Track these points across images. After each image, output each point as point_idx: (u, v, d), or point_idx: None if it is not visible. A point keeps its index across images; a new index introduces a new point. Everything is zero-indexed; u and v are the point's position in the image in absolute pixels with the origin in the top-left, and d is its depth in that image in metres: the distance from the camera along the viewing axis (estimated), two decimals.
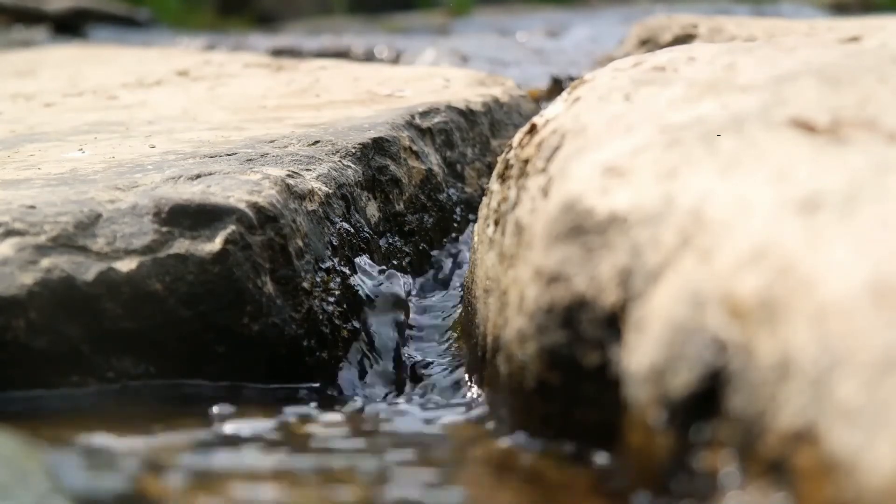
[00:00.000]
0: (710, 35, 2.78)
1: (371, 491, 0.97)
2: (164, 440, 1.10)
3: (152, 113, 2.11)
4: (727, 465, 0.79)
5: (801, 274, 0.78)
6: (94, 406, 1.25)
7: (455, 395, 1.35)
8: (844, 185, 0.87)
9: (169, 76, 2.75)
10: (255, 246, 1.35)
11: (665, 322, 0.87)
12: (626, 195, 1.00)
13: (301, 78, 2.53)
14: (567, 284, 1.00)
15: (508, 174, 1.30)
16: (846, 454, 0.68)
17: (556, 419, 1.03)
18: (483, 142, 2.05)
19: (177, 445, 1.09)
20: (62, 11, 6.23)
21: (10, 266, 1.26)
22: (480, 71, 2.73)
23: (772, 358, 0.77)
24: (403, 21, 7.16)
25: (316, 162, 1.59)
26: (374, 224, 1.65)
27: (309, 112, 2.00)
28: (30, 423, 1.16)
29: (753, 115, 1.07)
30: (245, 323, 1.33)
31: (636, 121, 1.13)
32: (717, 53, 1.35)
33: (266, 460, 1.06)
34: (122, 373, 1.29)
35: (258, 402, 1.31)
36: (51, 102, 2.36)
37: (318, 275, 1.43)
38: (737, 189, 0.92)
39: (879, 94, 1.09)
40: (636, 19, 3.68)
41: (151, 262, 1.30)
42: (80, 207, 1.34)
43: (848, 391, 0.70)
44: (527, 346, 1.05)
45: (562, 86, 2.65)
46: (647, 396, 0.87)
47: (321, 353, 1.39)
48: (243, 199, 1.38)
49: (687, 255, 0.89)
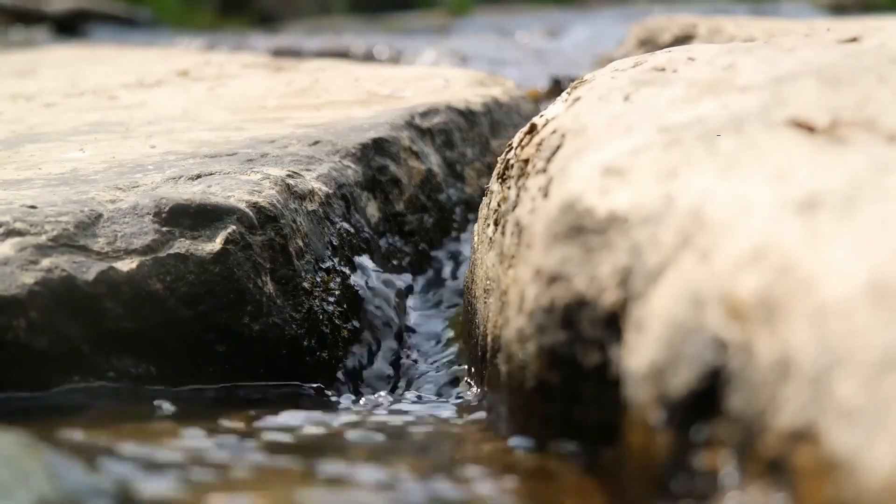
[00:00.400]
0: (710, 35, 2.78)
1: (371, 491, 0.97)
2: (163, 440, 1.10)
3: (153, 113, 2.11)
4: (727, 464, 0.80)
5: (801, 274, 0.78)
6: (95, 406, 1.25)
7: (455, 395, 1.35)
8: (844, 185, 0.87)
9: (169, 76, 2.75)
10: (255, 246, 1.35)
11: (665, 322, 0.87)
12: (626, 195, 1.00)
13: (301, 78, 2.53)
14: (567, 284, 1.01)
15: (508, 174, 1.30)
16: (846, 454, 0.68)
17: (556, 419, 1.03)
18: (483, 142, 2.05)
19: (177, 445, 1.09)
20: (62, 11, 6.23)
21: (10, 266, 1.26)
22: (480, 71, 2.73)
23: (771, 357, 0.77)
24: (403, 21, 7.16)
25: (316, 162, 1.60)
26: (374, 224, 1.65)
27: (309, 112, 2.01)
28: (30, 423, 1.16)
29: (753, 115, 1.07)
30: (245, 323, 1.33)
31: (636, 121, 1.13)
32: (717, 54, 1.35)
33: (266, 460, 1.06)
34: (122, 373, 1.29)
35: (258, 401, 1.31)
36: (51, 103, 2.36)
37: (319, 275, 1.43)
38: (736, 189, 0.92)
39: (879, 94, 1.09)
40: (635, 19, 3.68)
41: (152, 261, 1.30)
42: (80, 207, 1.34)
43: (847, 391, 0.70)
44: (527, 346, 1.05)
45: (561, 86, 2.65)
46: (647, 396, 0.87)
47: (321, 353, 1.40)
48: (244, 199, 1.38)
49: (687, 255, 0.89)
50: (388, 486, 0.99)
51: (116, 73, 2.91)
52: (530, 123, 1.31)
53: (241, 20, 8.02)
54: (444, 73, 2.56)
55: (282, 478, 1.00)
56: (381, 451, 1.13)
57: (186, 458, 1.04)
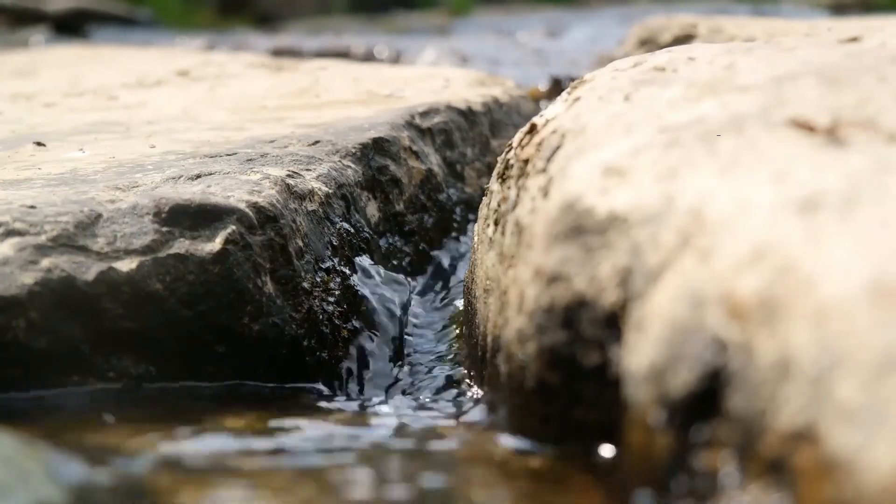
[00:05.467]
0: (710, 35, 2.78)
1: (371, 490, 0.97)
2: (163, 440, 1.10)
3: (152, 113, 2.11)
4: (727, 464, 0.79)
5: (801, 274, 0.78)
6: (95, 406, 1.25)
7: (455, 395, 1.35)
8: (844, 185, 0.87)
9: (169, 76, 2.75)
10: (255, 246, 1.35)
11: (665, 322, 0.87)
12: (626, 195, 1.00)
13: (301, 78, 2.53)
14: (567, 284, 1.01)
15: (508, 174, 1.30)
16: (846, 454, 0.68)
17: (556, 419, 1.03)
18: (483, 142, 2.05)
19: (176, 445, 1.09)
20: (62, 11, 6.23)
21: (10, 266, 1.26)
22: (480, 71, 2.73)
23: (771, 358, 0.77)
24: (403, 21, 7.16)
25: (316, 162, 1.59)
26: (374, 224, 1.65)
27: (309, 112, 2.01)
28: (30, 423, 1.16)
29: (753, 115, 1.07)
30: (245, 323, 1.33)
31: (636, 121, 1.13)
32: (717, 53, 1.35)
33: (265, 460, 1.06)
34: (122, 373, 1.29)
35: (258, 401, 1.31)
36: (51, 102, 2.36)
37: (318, 275, 1.43)
38: (737, 189, 0.92)
39: (879, 94, 1.09)
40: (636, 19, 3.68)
41: (151, 262, 1.30)
42: (80, 207, 1.34)
43: (847, 391, 0.70)
44: (527, 346, 1.05)
45: (562, 86, 2.65)
46: (647, 396, 0.87)
47: (321, 353, 1.40)
48: (243, 199, 1.38)
49: (687, 255, 0.89)
50: (388, 487, 0.99)
51: (116, 73, 2.91)
52: (530, 123, 1.31)
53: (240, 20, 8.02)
54: (444, 72, 2.56)
55: (281, 477, 1.00)
56: (380, 451, 1.12)
57: (186, 458, 1.04)
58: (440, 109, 1.97)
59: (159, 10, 7.76)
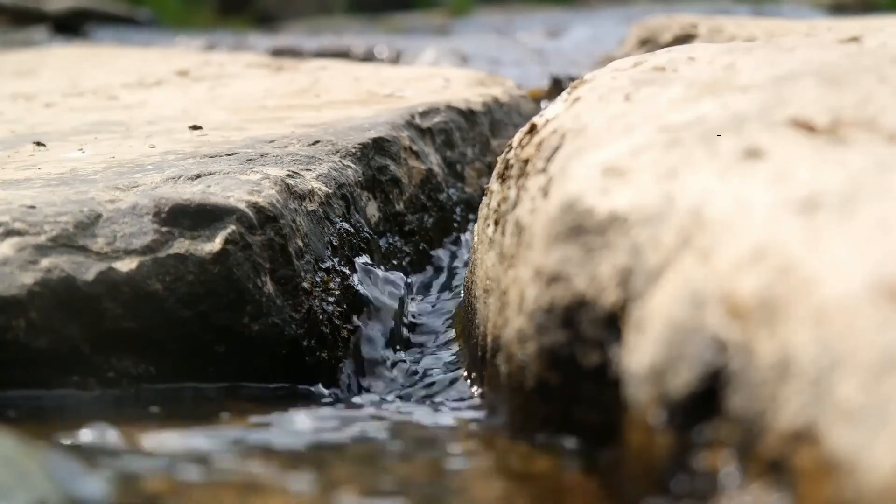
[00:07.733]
0: (710, 35, 2.78)
1: (370, 491, 0.97)
2: (163, 440, 1.10)
3: (152, 113, 2.11)
4: (727, 464, 0.79)
5: (801, 274, 0.78)
6: (94, 406, 1.25)
7: (455, 395, 1.35)
8: (844, 185, 0.87)
9: (169, 76, 2.75)
10: (255, 246, 1.35)
11: (665, 322, 0.87)
12: (626, 195, 1.00)
13: (301, 78, 2.53)
14: (567, 284, 1.01)
15: (508, 174, 1.30)
16: (846, 454, 0.68)
17: (556, 419, 1.03)
18: (483, 142, 2.05)
19: (176, 445, 1.09)
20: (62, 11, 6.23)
21: (10, 266, 1.26)
22: (480, 71, 2.73)
23: (772, 358, 0.77)
24: (403, 21, 7.16)
25: (316, 162, 1.59)
26: (374, 224, 1.65)
27: (309, 112, 2.00)
28: (30, 423, 1.16)
29: (753, 115, 1.07)
30: (245, 323, 1.33)
31: (636, 121, 1.13)
32: (717, 53, 1.35)
33: (265, 460, 1.06)
34: (122, 373, 1.29)
35: (258, 402, 1.31)
36: (51, 102, 2.36)
37: (318, 275, 1.43)
38: (737, 189, 0.92)
39: (879, 94, 1.09)
40: (636, 19, 3.68)
41: (151, 262, 1.30)
42: (80, 207, 1.34)
43: (848, 391, 0.70)
44: (527, 346, 1.05)
45: (562, 86, 2.65)
46: (647, 396, 0.87)
47: (321, 353, 1.40)
48: (243, 199, 1.38)
49: (687, 255, 0.89)
50: (388, 486, 0.99)
51: (116, 73, 2.91)
52: (530, 123, 1.31)
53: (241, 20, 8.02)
54: (444, 72, 2.56)
55: (281, 477, 1.00)
56: (380, 451, 1.12)
57: (186, 458, 1.04)
58: (440, 109, 1.97)
59: (159, 10, 7.76)
